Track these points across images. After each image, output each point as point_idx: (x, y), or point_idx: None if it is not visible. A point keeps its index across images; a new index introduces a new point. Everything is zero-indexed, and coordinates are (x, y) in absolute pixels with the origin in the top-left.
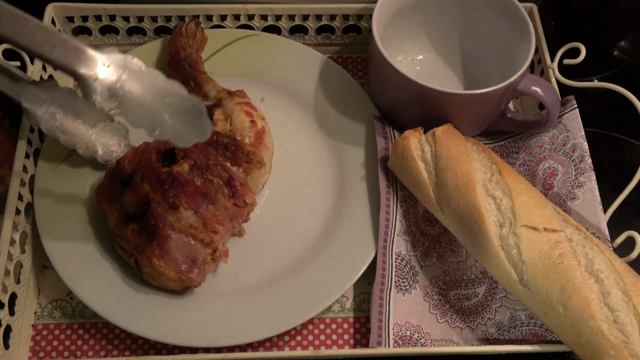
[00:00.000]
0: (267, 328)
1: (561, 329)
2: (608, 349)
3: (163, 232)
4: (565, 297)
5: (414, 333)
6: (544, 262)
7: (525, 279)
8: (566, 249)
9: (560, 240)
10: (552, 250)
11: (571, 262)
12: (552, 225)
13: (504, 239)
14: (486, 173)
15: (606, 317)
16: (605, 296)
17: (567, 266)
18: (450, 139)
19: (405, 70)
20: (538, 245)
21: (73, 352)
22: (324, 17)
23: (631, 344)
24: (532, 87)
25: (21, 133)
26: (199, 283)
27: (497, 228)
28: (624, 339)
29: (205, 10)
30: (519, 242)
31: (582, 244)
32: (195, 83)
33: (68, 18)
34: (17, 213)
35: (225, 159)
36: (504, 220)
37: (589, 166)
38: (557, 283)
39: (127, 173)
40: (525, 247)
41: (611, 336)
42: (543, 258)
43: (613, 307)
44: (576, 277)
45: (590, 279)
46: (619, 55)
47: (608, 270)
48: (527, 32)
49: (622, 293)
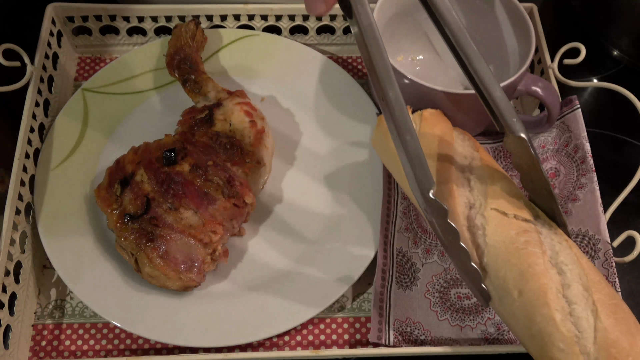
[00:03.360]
0: (267, 328)
1: (514, 317)
2: (558, 342)
3: (163, 232)
4: (523, 282)
5: (414, 329)
6: (507, 245)
7: (485, 261)
8: (533, 238)
9: (528, 230)
10: (518, 237)
11: (535, 249)
12: (523, 215)
13: (471, 219)
14: (466, 158)
15: (562, 308)
16: (565, 288)
17: (530, 252)
18: (437, 121)
19: (405, 70)
20: (505, 230)
21: (73, 352)
22: (324, 17)
23: (584, 339)
24: (532, 87)
25: (21, 133)
26: (198, 283)
27: (466, 208)
28: (576, 334)
29: (205, 10)
30: (486, 224)
31: (551, 237)
32: (195, 83)
33: (68, 18)
34: (17, 213)
35: (225, 159)
36: (475, 202)
37: (590, 167)
38: (517, 267)
39: (127, 173)
40: (491, 230)
41: (564, 328)
42: (507, 242)
43: (571, 300)
44: (538, 264)
45: (552, 269)
46: (619, 55)
47: (573, 265)
48: (527, 32)
49: (584, 288)
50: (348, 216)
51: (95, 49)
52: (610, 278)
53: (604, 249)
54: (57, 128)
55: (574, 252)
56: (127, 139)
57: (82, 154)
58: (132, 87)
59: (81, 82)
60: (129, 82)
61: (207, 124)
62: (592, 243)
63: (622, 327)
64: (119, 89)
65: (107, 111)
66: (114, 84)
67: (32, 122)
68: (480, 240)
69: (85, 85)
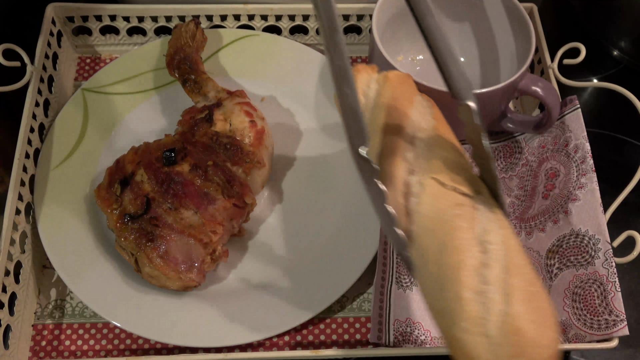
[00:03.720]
0: (267, 328)
1: (428, 290)
2: (462, 321)
3: (163, 232)
4: (442, 255)
5: (414, 329)
6: (437, 216)
7: (413, 228)
8: (465, 212)
9: (463, 204)
10: (450, 209)
11: (463, 224)
12: (462, 188)
13: (409, 185)
14: (421, 124)
15: (473, 287)
16: (484, 267)
17: (457, 226)
18: (401, 83)
19: (405, 70)
20: (439, 200)
21: (73, 352)
22: None
23: (489, 322)
24: (532, 87)
25: (21, 133)
26: (198, 283)
27: (405, 174)
28: (483, 315)
29: (205, 10)
30: (422, 192)
31: (486, 215)
32: (195, 83)
33: (68, 18)
34: (17, 213)
35: (225, 159)
36: (416, 169)
37: (590, 167)
38: (440, 239)
39: (127, 173)
40: (426, 199)
41: (470, 307)
42: (438, 212)
43: (486, 280)
44: (461, 238)
45: (475, 247)
46: (619, 55)
47: (498, 245)
48: (527, 32)
49: (503, 270)
50: (348, 216)
51: (95, 49)
52: (610, 278)
53: (604, 249)
54: (57, 128)
55: (504, 232)
56: (127, 139)
57: (82, 154)
58: (132, 87)
59: (81, 82)
60: (128, 82)
61: (207, 124)
62: (592, 243)
63: (533, 316)
64: (119, 89)
65: (107, 111)
66: (114, 84)
67: (32, 122)
68: (412, 208)
69: (85, 85)
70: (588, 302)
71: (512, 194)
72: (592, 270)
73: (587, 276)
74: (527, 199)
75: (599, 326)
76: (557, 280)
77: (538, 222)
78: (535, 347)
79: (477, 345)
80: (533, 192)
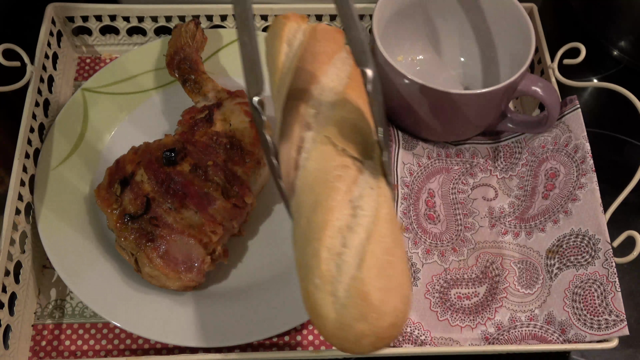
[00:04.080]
0: (267, 328)
1: (296, 244)
2: (315, 277)
3: (163, 232)
4: (314, 212)
5: (414, 330)
6: (320, 174)
7: (296, 182)
8: (348, 175)
9: (348, 166)
10: (334, 169)
11: (341, 185)
12: (352, 151)
13: (303, 140)
14: (331, 82)
15: (332, 248)
16: (349, 230)
17: (334, 187)
18: (326, 38)
19: (405, 70)
20: (326, 159)
21: (73, 352)
22: (324, 17)
23: (339, 283)
24: (532, 87)
25: (21, 133)
26: (198, 283)
27: (302, 128)
28: (335, 276)
29: (205, 10)
30: (313, 148)
31: (369, 183)
32: (195, 83)
33: (68, 18)
34: (17, 213)
35: (225, 159)
36: (314, 125)
37: (590, 167)
38: (316, 197)
39: (127, 173)
40: (315, 155)
41: (325, 266)
42: (322, 170)
43: (347, 244)
44: (334, 199)
45: (346, 210)
46: (619, 55)
47: (368, 212)
48: (527, 32)
49: (365, 236)
50: None
51: (95, 49)
52: (610, 278)
53: (604, 249)
54: (57, 128)
55: (379, 200)
56: (127, 139)
57: (82, 154)
58: (132, 87)
59: (81, 82)
60: (129, 82)
61: (207, 124)
62: (592, 243)
63: (380, 284)
64: (119, 89)
65: (107, 111)
66: (114, 84)
67: (32, 122)
68: (301, 162)
69: (85, 85)
70: (588, 302)
71: (512, 194)
72: (592, 270)
73: (587, 276)
74: (527, 199)
75: (599, 326)
76: (557, 280)
77: (538, 222)
78: (378, 314)
79: (325, 302)
80: (533, 192)
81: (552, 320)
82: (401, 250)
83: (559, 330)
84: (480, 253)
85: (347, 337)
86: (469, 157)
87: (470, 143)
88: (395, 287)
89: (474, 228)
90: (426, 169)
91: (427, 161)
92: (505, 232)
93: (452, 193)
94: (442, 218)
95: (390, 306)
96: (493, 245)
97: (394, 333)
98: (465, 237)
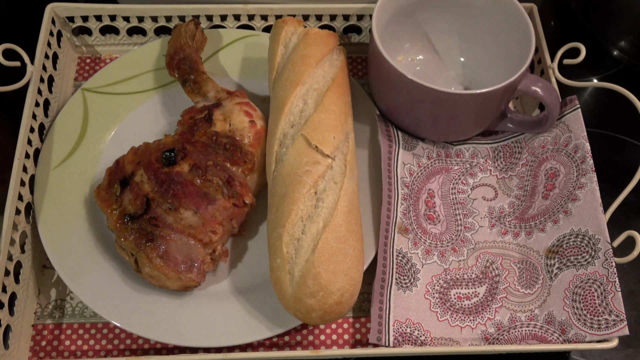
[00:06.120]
0: (267, 328)
1: (268, 228)
2: (277, 257)
3: (162, 232)
4: (282, 202)
5: (414, 330)
6: (293, 168)
7: (273, 174)
8: (317, 170)
9: (319, 162)
10: (305, 165)
11: (308, 180)
12: (324, 149)
13: (285, 137)
14: (319, 83)
15: (293, 234)
16: (309, 220)
17: (301, 181)
18: (318, 42)
19: (405, 70)
20: (300, 155)
21: (73, 352)
22: (324, 17)
23: (295, 264)
24: (532, 87)
25: (21, 133)
26: (198, 283)
27: (287, 126)
28: (293, 258)
29: (205, 10)
30: (291, 144)
31: (334, 178)
32: (195, 83)
33: (68, 18)
34: (17, 213)
35: (224, 159)
36: (296, 123)
37: (590, 167)
38: (286, 188)
39: (127, 173)
40: (292, 151)
41: (285, 249)
42: (295, 165)
43: (305, 230)
44: (300, 192)
45: (310, 201)
46: (619, 55)
47: (329, 204)
48: (527, 32)
49: (323, 225)
50: None
51: (95, 49)
52: (610, 278)
53: (604, 249)
54: (57, 128)
55: (341, 194)
56: (127, 139)
57: (82, 154)
58: (132, 87)
59: (81, 82)
60: (129, 82)
61: (207, 124)
62: (592, 243)
63: (329, 267)
64: (119, 89)
65: (107, 111)
66: (114, 84)
67: (32, 122)
68: (279, 157)
69: (85, 85)
70: (588, 302)
71: (512, 194)
72: (592, 270)
73: (587, 276)
74: (527, 199)
75: (599, 326)
76: (557, 280)
77: (538, 222)
78: (325, 292)
79: (284, 280)
80: (533, 192)
81: (552, 320)
82: (355, 238)
83: (559, 330)
84: (480, 253)
85: (300, 309)
86: (468, 157)
87: (470, 143)
88: (343, 270)
89: (474, 228)
90: (426, 169)
91: (427, 161)
92: (505, 232)
93: (452, 193)
94: (442, 218)
95: (337, 286)
96: (493, 245)
97: (340, 309)
98: (465, 237)
